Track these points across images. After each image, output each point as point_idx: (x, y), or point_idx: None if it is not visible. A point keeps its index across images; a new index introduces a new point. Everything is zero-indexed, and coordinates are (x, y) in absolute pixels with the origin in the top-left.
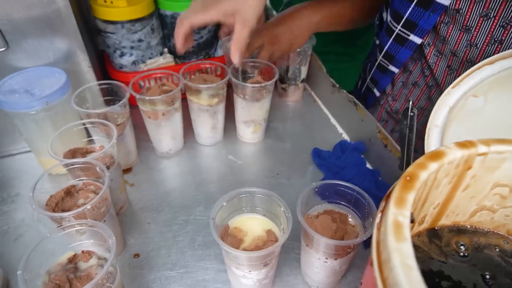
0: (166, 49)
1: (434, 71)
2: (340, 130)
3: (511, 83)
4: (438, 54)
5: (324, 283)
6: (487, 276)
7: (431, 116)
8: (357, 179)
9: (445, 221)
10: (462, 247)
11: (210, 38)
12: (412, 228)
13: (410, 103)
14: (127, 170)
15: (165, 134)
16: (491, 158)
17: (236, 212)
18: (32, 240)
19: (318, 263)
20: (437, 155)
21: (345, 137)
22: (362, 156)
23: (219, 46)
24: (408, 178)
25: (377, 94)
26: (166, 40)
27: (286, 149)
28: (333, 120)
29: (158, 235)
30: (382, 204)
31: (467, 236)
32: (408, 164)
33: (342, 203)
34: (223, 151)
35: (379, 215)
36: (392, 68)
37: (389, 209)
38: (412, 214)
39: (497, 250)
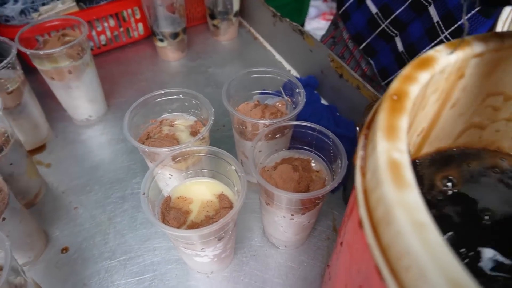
0: None
1: None
2: (287, 66)
3: None
4: None
5: (292, 241)
6: (487, 216)
7: None
8: (313, 118)
9: (428, 149)
10: (449, 183)
11: None
12: None
13: None
14: (39, 149)
15: (79, 97)
16: (487, 60)
17: None
18: None
19: (284, 222)
20: (427, 62)
21: (294, 73)
22: (316, 91)
23: None
24: (395, 97)
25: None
26: None
27: None
28: (278, 57)
29: (89, 220)
30: (361, 138)
31: (454, 166)
32: None
33: (301, 146)
34: None
35: (360, 153)
36: None
37: (378, 145)
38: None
39: (496, 172)
